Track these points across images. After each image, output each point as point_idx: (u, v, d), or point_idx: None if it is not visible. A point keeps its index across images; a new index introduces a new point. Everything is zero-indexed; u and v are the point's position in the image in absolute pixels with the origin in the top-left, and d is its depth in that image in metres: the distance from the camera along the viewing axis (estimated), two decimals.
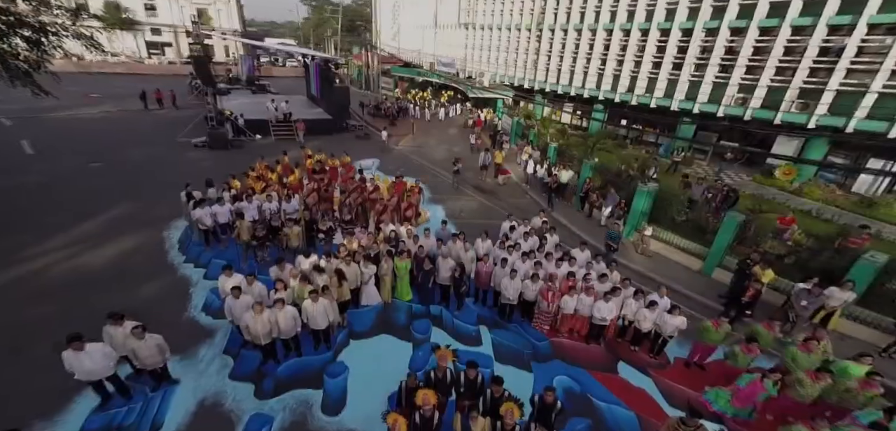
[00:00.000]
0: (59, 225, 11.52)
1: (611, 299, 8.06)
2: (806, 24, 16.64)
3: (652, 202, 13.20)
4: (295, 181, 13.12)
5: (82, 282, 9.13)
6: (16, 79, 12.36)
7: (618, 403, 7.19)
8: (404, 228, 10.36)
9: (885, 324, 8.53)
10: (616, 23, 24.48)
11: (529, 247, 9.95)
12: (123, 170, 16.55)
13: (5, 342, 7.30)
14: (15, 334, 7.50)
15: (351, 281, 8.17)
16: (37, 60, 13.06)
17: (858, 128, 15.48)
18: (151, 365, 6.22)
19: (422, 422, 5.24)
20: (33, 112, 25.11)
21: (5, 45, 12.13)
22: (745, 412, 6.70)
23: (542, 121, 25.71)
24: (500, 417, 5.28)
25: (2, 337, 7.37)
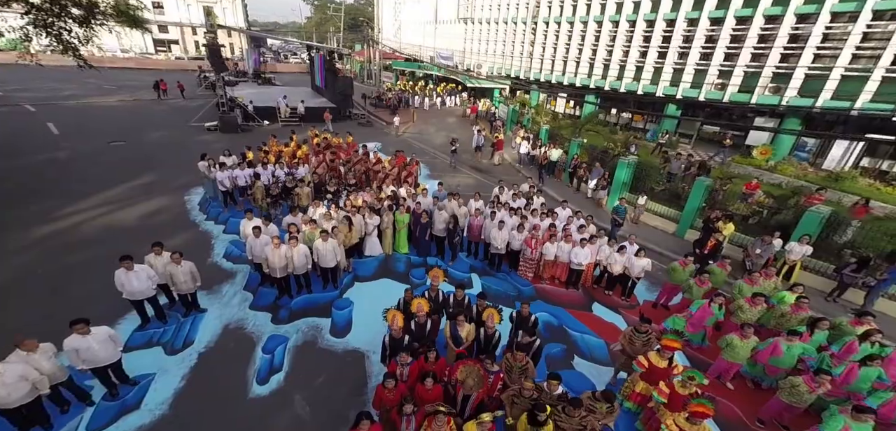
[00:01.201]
0: (90, 191, 12.34)
1: (587, 245, 8.88)
2: (777, 13, 17.39)
3: (632, 174, 14.05)
4: (304, 154, 13.92)
5: (114, 236, 9.96)
6: (68, 51, 14.08)
7: (590, 333, 8.02)
8: (404, 189, 11.17)
9: (828, 272, 9.34)
10: (605, 15, 25.19)
11: (517, 206, 10.76)
12: (142, 148, 17.36)
13: (48, 283, 8.13)
14: (55, 278, 8.31)
15: (356, 230, 8.99)
16: (86, 35, 14.57)
17: (825, 107, 16.28)
18: (185, 290, 7.04)
19: (416, 327, 6.08)
20: (54, 99, 25.94)
21: (62, 22, 13.53)
22: (698, 337, 7.50)
23: (536, 108, 26.47)
24: (483, 323, 6.14)
25: (45, 281, 8.21)
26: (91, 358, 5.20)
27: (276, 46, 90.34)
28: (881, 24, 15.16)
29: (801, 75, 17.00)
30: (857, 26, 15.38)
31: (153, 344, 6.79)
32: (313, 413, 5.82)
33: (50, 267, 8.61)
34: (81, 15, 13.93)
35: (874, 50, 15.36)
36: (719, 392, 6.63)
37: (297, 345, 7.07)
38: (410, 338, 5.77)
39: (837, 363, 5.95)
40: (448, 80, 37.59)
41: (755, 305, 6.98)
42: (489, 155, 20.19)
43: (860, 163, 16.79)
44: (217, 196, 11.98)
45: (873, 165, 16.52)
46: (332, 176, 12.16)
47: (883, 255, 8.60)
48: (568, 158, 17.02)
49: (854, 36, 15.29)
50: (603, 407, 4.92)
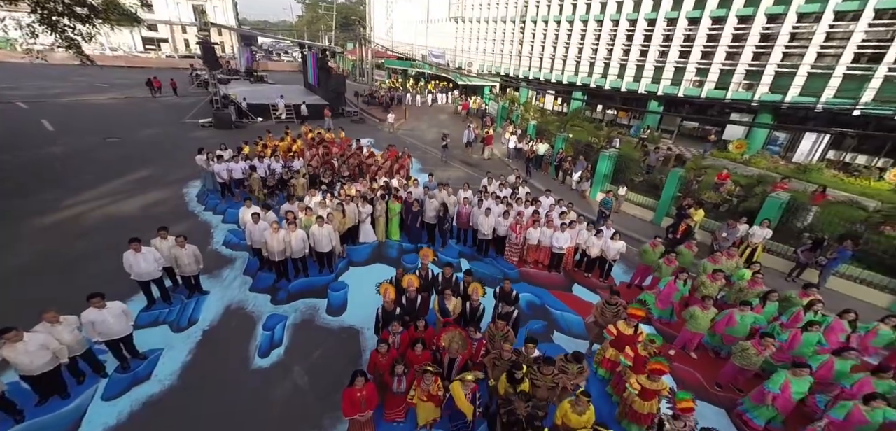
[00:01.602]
0: (89, 184, 12.56)
1: (567, 230, 9.44)
2: (749, 14, 18.17)
3: (613, 166, 14.69)
4: (299, 149, 14.27)
5: (116, 225, 10.23)
6: (70, 48, 14.66)
7: (569, 310, 8.57)
8: (396, 180, 11.62)
9: (790, 255, 10.04)
10: (590, 14, 25.85)
11: (503, 195, 11.28)
12: (138, 144, 17.49)
13: (58, 267, 8.44)
14: (64, 263, 8.61)
15: (350, 217, 9.42)
16: (89, 33, 15.10)
17: (793, 102, 17.10)
18: (189, 273, 7.41)
19: (407, 301, 6.56)
20: (45, 97, 25.74)
21: (67, 20, 14.13)
22: (666, 313, 8.12)
23: (525, 104, 27.04)
24: (469, 297, 6.64)
25: (55, 265, 8.51)
26: (106, 330, 5.58)
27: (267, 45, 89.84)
28: (842, 25, 16.01)
29: (772, 72, 17.83)
30: (821, 26, 16.23)
31: (159, 322, 7.16)
32: (312, 382, 6.27)
33: (58, 253, 8.91)
34: (85, 13, 14.29)
35: (837, 49, 16.21)
36: (684, 362, 7.23)
37: (296, 323, 7.50)
38: (401, 311, 6.25)
39: (785, 330, 6.58)
40: (439, 78, 38.01)
41: (715, 280, 7.60)
42: (480, 150, 20.70)
43: (827, 156, 17.69)
44: (215, 188, 12.31)
45: (838, 157, 17.42)
46: (326, 168, 12.54)
47: (835, 237, 9.30)
48: (554, 152, 17.63)
49: (818, 35, 16.15)
50: (574, 368, 5.46)
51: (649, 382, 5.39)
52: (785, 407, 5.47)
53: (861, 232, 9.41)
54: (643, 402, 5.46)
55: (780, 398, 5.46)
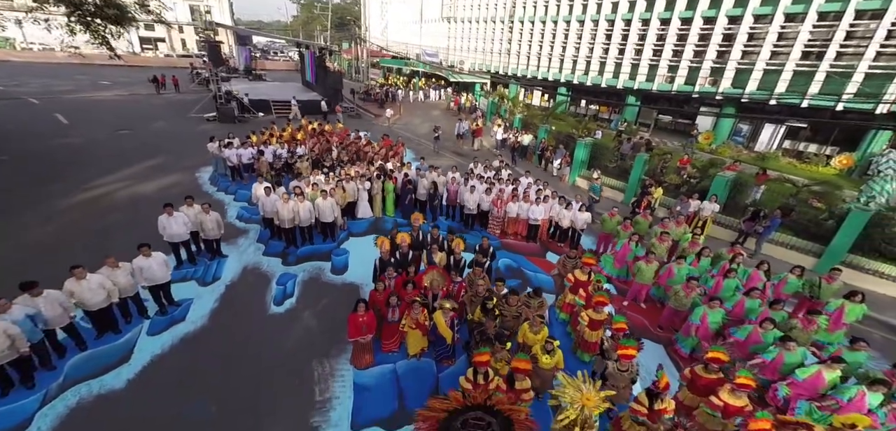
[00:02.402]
0: (109, 170, 13.47)
1: (541, 204, 10.62)
2: (713, 15, 19.53)
3: (589, 153, 15.92)
4: (302, 138, 15.30)
5: (140, 202, 11.22)
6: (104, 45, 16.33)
7: (541, 272, 9.75)
8: (390, 163, 12.71)
9: (736, 225, 11.34)
10: (572, 15, 27.08)
11: (487, 175, 12.42)
12: (149, 136, 18.36)
13: (94, 235, 9.43)
14: (99, 231, 9.61)
15: (350, 193, 10.51)
16: (118, 32, 16.65)
17: (751, 96, 18.48)
18: (212, 236, 8.46)
19: (400, 255, 7.68)
20: (52, 93, 26.37)
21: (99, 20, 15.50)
22: (622, 271, 9.31)
23: (513, 100, 28.21)
24: (452, 251, 7.79)
25: (89, 232, 9.50)
26: (150, 276, 6.63)
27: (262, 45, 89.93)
28: (791, 26, 17.41)
29: (733, 69, 19.19)
30: (773, 27, 17.60)
31: (188, 279, 8.20)
32: (319, 324, 7.36)
33: (91, 225, 9.91)
34: (116, 13, 15.39)
35: (786, 47, 17.62)
36: (635, 311, 8.42)
37: (304, 280, 8.58)
38: (395, 262, 7.37)
39: (713, 279, 7.81)
40: (432, 76, 39.04)
41: (662, 241, 8.81)
42: (470, 141, 21.82)
43: (783, 145, 19.11)
44: (225, 172, 13.30)
45: (793, 147, 18.83)
46: (326, 154, 13.59)
47: (772, 209, 10.57)
48: (537, 142, 18.84)
49: (771, 34, 17.52)
50: (535, 302, 6.62)
51: (595, 314, 6.56)
52: (704, 335, 6.68)
53: (793, 205, 10.69)
54: (592, 332, 6.62)
55: (700, 328, 6.67)
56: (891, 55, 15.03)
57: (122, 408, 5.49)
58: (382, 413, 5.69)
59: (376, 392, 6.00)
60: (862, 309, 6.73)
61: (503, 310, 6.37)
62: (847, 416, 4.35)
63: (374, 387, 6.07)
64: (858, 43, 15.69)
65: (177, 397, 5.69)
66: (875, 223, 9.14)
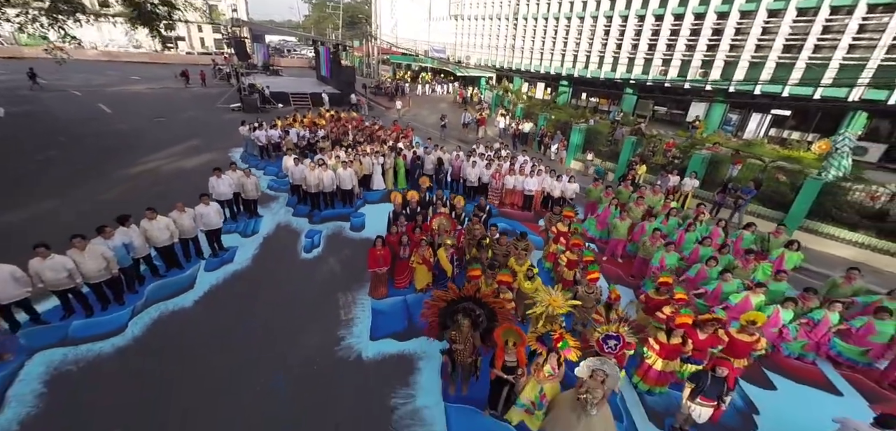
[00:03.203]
0: (153, 149, 15.01)
1: (535, 177, 11.80)
2: (702, 12, 20.40)
3: (584, 137, 17.01)
4: (322, 122, 16.69)
5: (185, 174, 12.69)
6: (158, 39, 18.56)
7: (534, 234, 10.94)
8: (401, 143, 14.01)
9: (711, 198, 12.39)
10: (573, 12, 28.03)
11: (488, 154, 13.64)
12: (182, 123, 19.94)
13: (151, 196, 10.89)
14: (156, 195, 11.06)
15: (365, 166, 11.83)
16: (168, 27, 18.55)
17: (738, 87, 19.32)
18: (251, 197, 9.86)
19: (409, 210, 8.96)
20: (94, 87, 28.20)
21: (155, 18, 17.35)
22: (604, 233, 10.44)
23: (516, 92, 29.30)
24: (454, 206, 9.05)
25: (149, 195, 10.97)
26: (208, 221, 8.01)
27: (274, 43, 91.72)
28: (775, 21, 18.23)
29: (721, 61, 20.05)
30: (757, 20, 18.43)
31: (231, 232, 9.60)
32: (341, 267, 8.68)
33: (150, 189, 11.43)
34: (166, 11, 17.13)
35: (769, 40, 18.44)
36: (613, 265, 9.56)
37: (328, 235, 9.92)
38: (406, 214, 8.66)
39: (676, 233, 8.95)
40: (439, 72, 40.19)
41: (638, 206, 9.93)
42: (475, 130, 22.99)
43: (769, 133, 19.92)
44: (255, 152, 14.73)
45: (778, 134, 19.63)
46: (344, 136, 14.94)
47: (744, 183, 11.63)
48: (536, 129, 19.96)
49: (756, 27, 18.35)
50: (522, 245, 7.82)
51: (572, 255, 7.76)
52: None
53: (762, 179, 11.70)
54: (568, 271, 7.81)
55: (658, 268, 7.82)
56: (864, 47, 15.82)
57: (190, 322, 6.86)
58: (395, 328, 6.97)
59: (390, 315, 7.28)
60: (799, 256, 7.81)
61: (495, 249, 7.62)
62: (748, 314, 5.47)
63: (388, 311, 7.36)
64: (834, 36, 16.52)
65: (230, 316, 7.04)
66: (827, 192, 10.13)
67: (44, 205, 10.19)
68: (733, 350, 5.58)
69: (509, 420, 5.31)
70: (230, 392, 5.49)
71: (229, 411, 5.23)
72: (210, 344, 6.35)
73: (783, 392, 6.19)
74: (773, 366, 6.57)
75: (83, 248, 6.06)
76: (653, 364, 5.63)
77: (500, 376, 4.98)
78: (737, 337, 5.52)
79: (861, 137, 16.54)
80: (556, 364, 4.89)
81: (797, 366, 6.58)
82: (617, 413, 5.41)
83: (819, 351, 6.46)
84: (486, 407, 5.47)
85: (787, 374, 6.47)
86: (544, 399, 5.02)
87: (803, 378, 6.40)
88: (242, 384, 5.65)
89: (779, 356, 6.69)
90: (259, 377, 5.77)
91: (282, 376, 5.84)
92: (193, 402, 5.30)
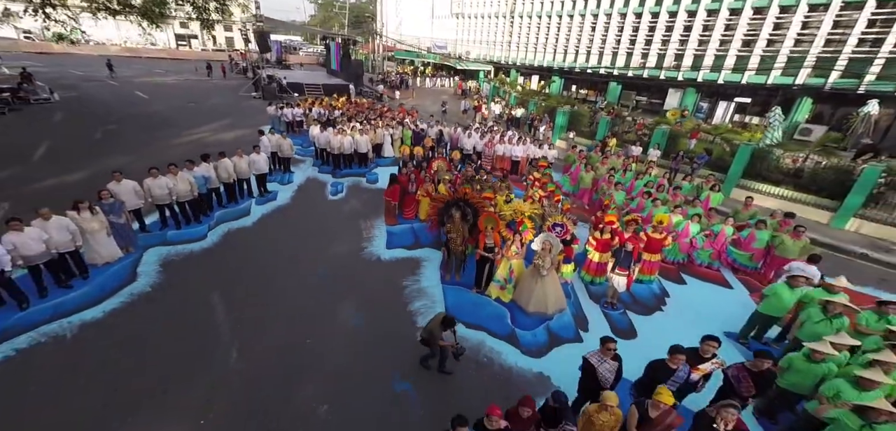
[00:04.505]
0: (192, 127, 17.04)
1: (520, 145, 13.82)
2: (675, 10, 22.39)
3: (567, 119, 19.01)
4: (338, 105, 18.74)
5: (224, 145, 14.59)
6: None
7: (518, 190, 12.95)
8: (407, 119, 16.06)
9: (668, 165, 14.41)
10: (564, 10, 30.01)
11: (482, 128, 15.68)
12: (211, 107, 21.97)
13: None
14: None
15: (378, 135, 13.88)
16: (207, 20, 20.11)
17: (705, 78, 21.32)
18: (286, 155, 11.90)
19: (416, 161, 11.00)
20: (126, 78, 30.25)
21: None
22: (575, 188, 12.46)
23: (511, 84, 31.27)
24: (452, 159, 11.09)
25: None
26: (259, 167, 10.06)
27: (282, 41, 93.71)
28: (735, 19, 20.23)
29: (691, 55, 22.03)
30: (719, 18, 20.43)
31: (271, 182, 11.64)
32: (362, 205, 10.72)
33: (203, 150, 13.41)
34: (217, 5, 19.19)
35: (729, 36, 20.44)
36: (581, 209, 11.58)
37: (349, 185, 11.99)
38: (413, 163, 10.69)
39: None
40: (441, 67, 42.16)
41: (604, 164, 11.96)
42: (472, 116, 24.98)
43: (733, 118, 21.90)
44: (282, 128, 16.76)
45: (741, 119, 21.61)
46: (358, 115, 17.00)
47: (696, 153, 13.66)
48: (527, 114, 21.97)
49: (719, 22, 20.31)
50: (504, 184, 9.85)
51: (540, 191, 9.77)
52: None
53: (711, 148, 13.72)
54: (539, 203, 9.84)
55: (609, 203, 9.83)
56: (807, 41, 17.82)
57: (249, 235, 8.91)
58: (405, 243, 9.01)
59: (400, 235, 9.29)
60: (719, 196, 9.82)
61: (481, 184, 9.65)
62: (657, 215, 7.48)
63: (399, 233, 9.39)
64: (783, 32, 18.49)
65: (279, 233, 9.09)
66: (759, 157, 12.13)
67: (123, 160, 12.22)
68: (650, 246, 7.58)
69: (489, 294, 7.33)
70: (280, 279, 7.42)
71: (280, 290, 7.13)
72: (263, 249, 8.40)
73: (691, 287, 8.19)
74: (688, 272, 8.59)
75: (176, 174, 8.11)
76: (592, 258, 7.65)
77: (483, 255, 7.00)
78: (651, 236, 7.54)
79: (808, 121, 18.52)
80: (520, 244, 6.92)
81: (705, 272, 8.59)
82: (567, 293, 7.42)
83: (720, 257, 8.48)
84: (472, 287, 7.49)
85: (697, 277, 8.48)
86: (512, 275, 7.06)
87: (708, 279, 8.41)
88: (289, 275, 7.59)
89: (693, 265, 8.69)
90: (300, 271, 7.73)
91: (325, 268, 7.87)
92: (255, 284, 7.22)
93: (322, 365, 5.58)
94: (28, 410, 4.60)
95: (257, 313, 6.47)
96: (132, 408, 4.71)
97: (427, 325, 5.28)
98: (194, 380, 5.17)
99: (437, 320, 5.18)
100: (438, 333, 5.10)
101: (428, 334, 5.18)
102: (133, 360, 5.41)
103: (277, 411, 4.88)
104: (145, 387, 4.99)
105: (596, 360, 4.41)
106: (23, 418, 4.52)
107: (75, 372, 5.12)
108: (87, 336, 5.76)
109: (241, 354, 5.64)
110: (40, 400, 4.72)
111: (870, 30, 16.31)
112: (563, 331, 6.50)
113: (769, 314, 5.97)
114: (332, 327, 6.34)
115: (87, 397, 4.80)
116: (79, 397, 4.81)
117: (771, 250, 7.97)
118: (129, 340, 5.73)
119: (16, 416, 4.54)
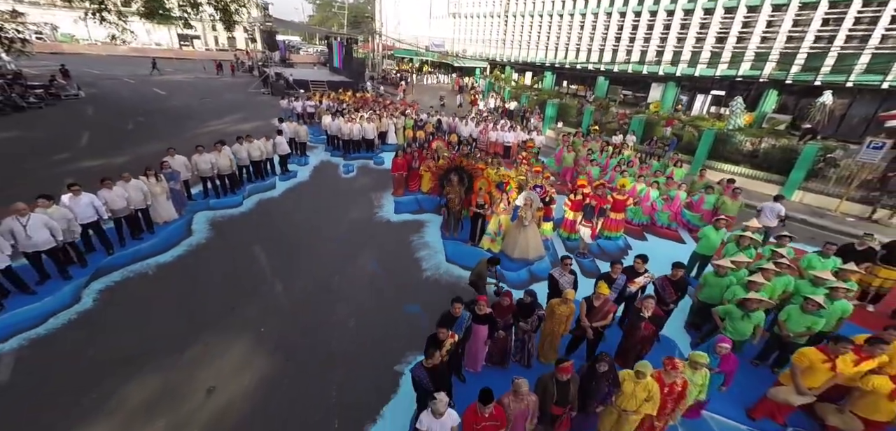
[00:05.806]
0: (210, 119, 18.35)
1: (511, 132, 15.26)
2: (655, 9, 23.90)
3: (556, 111, 20.46)
4: (345, 98, 20.13)
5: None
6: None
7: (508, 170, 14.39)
8: (409, 110, 17.47)
9: (643, 149, 15.89)
10: (554, 10, 31.47)
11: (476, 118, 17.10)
12: (225, 102, 23.26)
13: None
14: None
15: (384, 123, 15.29)
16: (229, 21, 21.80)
17: (684, 72, 22.87)
18: (303, 140, 13.29)
19: (419, 142, 12.42)
20: (140, 76, 31.43)
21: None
22: (559, 169, 13.90)
23: (505, 79, 32.73)
24: (450, 142, 12.52)
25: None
26: (282, 149, 11.45)
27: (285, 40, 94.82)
28: (708, 17, 21.79)
29: (671, 51, 23.54)
30: (694, 17, 21.96)
31: (290, 164, 13.04)
32: (371, 182, 12.14)
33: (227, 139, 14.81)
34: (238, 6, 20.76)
35: (704, 32, 21.96)
36: (564, 186, 13.02)
37: (359, 166, 13.41)
38: (416, 143, 12.11)
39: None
40: (438, 65, 43.50)
41: (585, 147, 13.41)
42: (469, 111, 26.40)
43: (710, 110, 23.42)
44: (293, 119, 18.13)
45: (716, 111, 23.12)
46: (364, 106, 18.39)
47: (669, 139, 15.12)
48: (520, 107, 23.41)
49: (695, 21, 21.81)
50: (497, 161, 11.30)
51: (528, 166, 11.22)
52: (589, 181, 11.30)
53: (682, 134, 15.20)
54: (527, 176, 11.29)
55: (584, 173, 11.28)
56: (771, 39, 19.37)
57: (277, 204, 10.33)
58: (411, 209, 10.45)
59: (406, 204, 10.70)
60: (682, 171, 11.28)
61: (471, 160, 11.08)
62: (620, 181, 8.94)
63: (405, 202, 10.81)
64: (750, 29, 20.03)
65: (302, 203, 10.51)
66: (720, 140, 13.62)
67: (159, 146, 13.42)
68: (615, 206, 9.03)
69: (482, 246, 8.75)
70: (307, 236, 8.82)
71: (308, 245, 8.53)
72: (291, 213, 9.84)
73: (651, 243, 9.65)
74: (650, 231, 10.06)
75: (220, 151, 9.51)
76: (567, 217, 9.10)
77: (476, 211, 8.43)
78: (616, 198, 8.99)
79: (775, 111, 20.07)
80: (508, 203, 8.36)
81: (664, 232, 10.06)
82: (547, 247, 8.85)
83: (678, 219, 9.95)
84: (468, 241, 8.91)
85: (657, 235, 9.95)
86: (501, 228, 8.50)
87: (666, 237, 9.89)
88: (315, 232, 9.02)
89: (654, 226, 10.16)
90: (324, 230, 9.13)
91: (345, 228, 9.30)
92: (287, 240, 8.59)
93: (347, 295, 7.00)
94: (130, 327, 6.01)
95: (292, 260, 7.89)
96: (210, 322, 6.11)
97: (474, 268, 5.94)
98: (251, 304, 6.58)
99: (483, 264, 5.83)
100: (486, 273, 5.78)
101: (476, 276, 5.88)
102: (201, 291, 6.82)
103: (317, 322, 6.31)
104: (216, 310, 6.39)
105: (557, 273, 5.86)
106: (131, 330, 5.91)
107: (162, 298, 6.53)
108: (162, 274, 7.17)
109: (284, 288, 7.06)
110: (139, 321, 6.07)
111: (824, 28, 17.83)
112: (540, 272, 7.93)
113: (703, 253, 7.43)
114: (354, 269, 7.77)
115: (174, 316, 6.20)
116: (168, 316, 6.20)
117: (717, 211, 9.43)
118: (195, 277, 7.15)
119: (129, 326, 5.94)
